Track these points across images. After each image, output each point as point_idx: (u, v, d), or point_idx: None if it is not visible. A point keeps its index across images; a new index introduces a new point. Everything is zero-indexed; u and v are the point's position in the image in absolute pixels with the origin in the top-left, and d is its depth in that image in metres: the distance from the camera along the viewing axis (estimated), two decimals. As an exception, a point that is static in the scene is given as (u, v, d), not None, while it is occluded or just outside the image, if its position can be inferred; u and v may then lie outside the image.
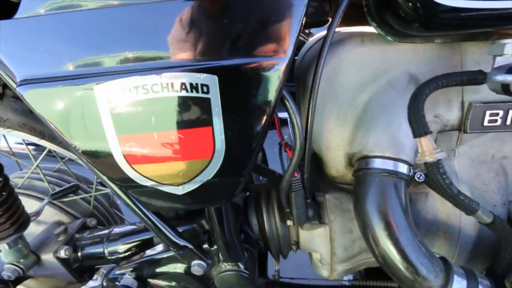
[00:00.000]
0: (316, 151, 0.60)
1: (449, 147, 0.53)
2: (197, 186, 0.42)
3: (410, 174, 0.48)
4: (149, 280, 0.61)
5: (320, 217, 0.58)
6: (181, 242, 0.51)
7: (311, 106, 0.45)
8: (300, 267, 1.15)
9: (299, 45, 0.41)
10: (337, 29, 0.45)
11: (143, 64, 0.36)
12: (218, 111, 0.38)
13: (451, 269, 0.42)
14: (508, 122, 0.49)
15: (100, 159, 0.41)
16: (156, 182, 0.42)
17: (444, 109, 0.51)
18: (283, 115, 0.48)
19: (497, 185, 0.53)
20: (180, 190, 0.42)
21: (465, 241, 0.55)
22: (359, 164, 0.50)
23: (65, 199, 0.81)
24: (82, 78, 0.37)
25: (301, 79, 0.58)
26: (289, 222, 0.58)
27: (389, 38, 0.46)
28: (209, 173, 0.41)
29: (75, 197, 0.82)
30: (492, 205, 0.53)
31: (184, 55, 0.36)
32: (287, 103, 0.42)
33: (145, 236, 0.69)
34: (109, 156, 0.40)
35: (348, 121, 0.53)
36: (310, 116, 0.46)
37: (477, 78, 0.42)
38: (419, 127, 0.41)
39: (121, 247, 0.70)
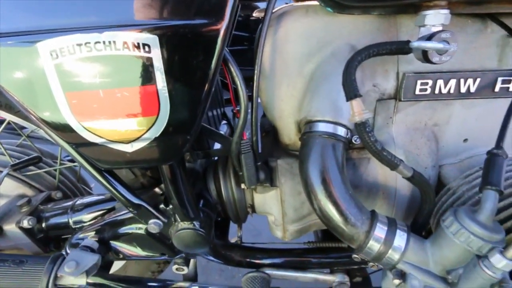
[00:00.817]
0: (270, 120, 0.64)
1: (387, 115, 0.58)
2: (146, 144, 0.45)
3: (348, 136, 0.52)
4: (112, 242, 0.64)
5: (272, 180, 0.62)
6: (136, 201, 0.54)
7: (256, 71, 0.48)
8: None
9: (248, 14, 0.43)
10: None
11: (85, 22, 0.38)
12: (160, 70, 0.40)
13: (376, 218, 0.47)
14: (436, 91, 0.55)
15: (51, 117, 0.43)
16: (106, 139, 0.44)
17: (381, 78, 0.55)
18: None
19: (428, 150, 0.59)
20: (129, 148, 0.45)
21: (400, 200, 0.61)
22: (304, 128, 0.54)
23: (29, 173, 0.82)
24: (26, 35, 0.38)
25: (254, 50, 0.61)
26: (243, 186, 0.62)
27: (328, 9, 0.49)
28: (156, 131, 0.44)
29: (39, 171, 0.82)
30: (424, 168, 0.59)
31: (125, 14, 0.38)
32: (230, 66, 0.45)
33: (110, 205, 0.72)
34: (58, 114, 0.42)
35: (297, 90, 0.57)
36: (255, 81, 0.49)
37: (404, 47, 0.46)
38: (349, 91, 0.45)
39: (86, 217, 0.72)
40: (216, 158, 0.70)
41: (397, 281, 0.44)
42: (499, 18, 0.51)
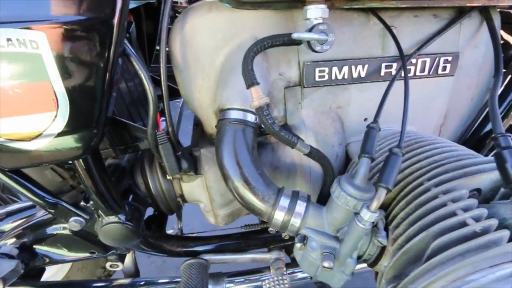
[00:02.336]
0: (193, 111, 0.67)
1: (296, 100, 0.64)
2: (49, 140, 0.45)
3: (257, 121, 0.57)
4: (35, 247, 0.62)
5: (197, 169, 0.65)
6: (53, 200, 0.54)
7: (161, 63, 0.51)
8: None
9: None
10: None
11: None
12: (53, 66, 0.40)
13: (281, 192, 0.53)
14: (333, 77, 0.62)
15: None
16: (6, 138, 0.44)
17: (285, 67, 0.61)
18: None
19: (334, 129, 0.67)
20: (32, 146, 0.45)
21: (315, 177, 0.69)
22: (219, 117, 0.58)
23: None
24: None
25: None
26: (169, 177, 0.64)
27: (227, 4, 0.53)
28: (57, 127, 0.44)
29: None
30: (331, 146, 0.67)
31: (11, 11, 0.38)
32: (132, 60, 0.47)
33: (32, 212, 0.69)
34: None
35: (212, 82, 0.61)
36: (162, 74, 0.51)
37: (290, 39, 0.51)
38: (247, 79, 0.50)
39: (8, 226, 0.69)
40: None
41: (299, 245, 0.50)
42: (377, 12, 0.60)
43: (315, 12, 0.49)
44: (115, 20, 0.41)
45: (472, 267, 0.37)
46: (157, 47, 0.87)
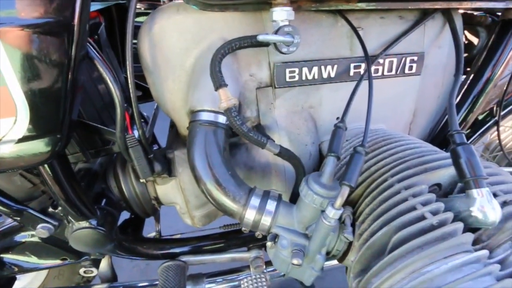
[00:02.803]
0: (165, 113, 0.66)
1: (268, 101, 0.65)
2: (11, 146, 0.44)
3: (228, 123, 0.58)
4: (3, 256, 0.60)
5: (170, 171, 0.65)
6: (18, 207, 0.52)
7: (127, 66, 0.50)
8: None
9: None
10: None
11: None
12: (10, 71, 0.39)
13: (252, 192, 0.53)
14: (303, 78, 0.63)
15: None
16: (-38, 146, 0.42)
17: (256, 69, 0.61)
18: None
19: (307, 129, 0.68)
20: (-9, 152, 0.43)
21: (289, 176, 0.70)
22: (190, 118, 0.58)
23: None
24: None
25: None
26: (142, 179, 0.63)
27: (194, 6, 0.53)
28: (18, 132, 0.43)
29: None
30: (304, 145, 0.68)
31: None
32: (96, 63, 0.46)
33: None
34: None
35: (183, 83, 0.60)
36: (129, 77, 0.51)
37: (257, 40, 0.52)
38: (215, 81, 0.50)
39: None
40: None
41: (269, 243, 0.51)
42: (344, 14, 0.61)
43: (281, 14, 0.50)
44: (75, 23, 0.41)
45: (429, 259, 0.39)
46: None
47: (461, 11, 0.71)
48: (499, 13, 0.74)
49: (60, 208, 0.56)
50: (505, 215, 0.42)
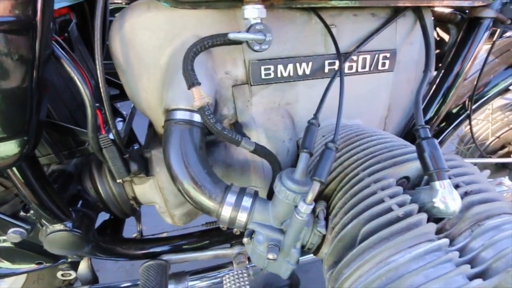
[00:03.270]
0: (141, 111, 0.66)
1: (245, 98, 0.65)
2: (-26, 150, 0.42)
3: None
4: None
5: (148, 170, 0.64)
6: (-16, 212, 0.51)
7: (97, 65, 0.49)
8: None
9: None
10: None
11: None
12: (-31, 71, 0.38)
13: (228, 190, 0.54)
14: (279, 75, 0.64)
15: None
16: None
17: (231, 66, 0.62)
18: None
19: (284, 125, 0.69)
20: (-47, 156, 0.42)
21: (268, 172, 0.71)
22: (165, 117, 0.58)
23: None
24: None
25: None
26: (119, 180, 0.63)
27: (165, 4, 0.52)
28: (-19, 135, 0.42)
29: None
30: (282, 141, 0.69)
31: None
32: (63, 63, 0.45)
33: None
34: None
35: (158, 82, 0.60)
36: (100, 77, 0.50)
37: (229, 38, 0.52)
38: (188, 80, 0.50)
39: None
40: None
41: (245, 239, 0.52)
42: (318, 11, 0.62)
43: (252, 12, 0.50)
44: (38, 21, 0.39)
45: (394, 249, 0.41)
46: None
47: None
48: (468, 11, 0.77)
49: (32, 211, 0.54)
50: (466, 205, 0.44)
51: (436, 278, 0.37)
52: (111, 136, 0.56)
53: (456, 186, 0.46)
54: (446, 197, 0.41)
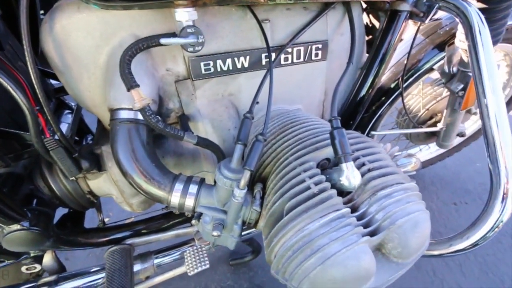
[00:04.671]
0: (87, 110, 0.67)
1: (189, 92, 0.69)
2: None
3: (148, 119, 0.62)
4: None
5: (100, 166, 0.68)
6: None
7: (30, 67, 0.50)
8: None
9: None
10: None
11: None
12: None
13: (176, 179, 0.60)
14: (219, 69, 0.68)
15: None
16: None
17: (172, 63, 0.65)
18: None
19: (228, 115, 0.75)
20: None
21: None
22: (110, 116, 0.61)
23: None
24: None
25: None
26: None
27: (94, 6, 0.53)
28: None
29: None
30: (227, 129, 0.75)
31: None
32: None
33: None
34: None
35: (99, 80, 0.61)
36: (33, 79, 0.51)
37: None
38: (127, 83, 0.53)
39: None
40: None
41: (194, 221, 0.59)
42: (251, 7, 0.65)
43: (183, 15, 0.53)
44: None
45: (309, 219, 0.51)
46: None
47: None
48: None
49: (-16, 215, 0.56)
50: (368, 179, 0.55)
51: (336, 239, 0.47)
52: (57, 136, 0.58)
53: (362, 165, 0.57)
54: (349, 176, 0.52)
